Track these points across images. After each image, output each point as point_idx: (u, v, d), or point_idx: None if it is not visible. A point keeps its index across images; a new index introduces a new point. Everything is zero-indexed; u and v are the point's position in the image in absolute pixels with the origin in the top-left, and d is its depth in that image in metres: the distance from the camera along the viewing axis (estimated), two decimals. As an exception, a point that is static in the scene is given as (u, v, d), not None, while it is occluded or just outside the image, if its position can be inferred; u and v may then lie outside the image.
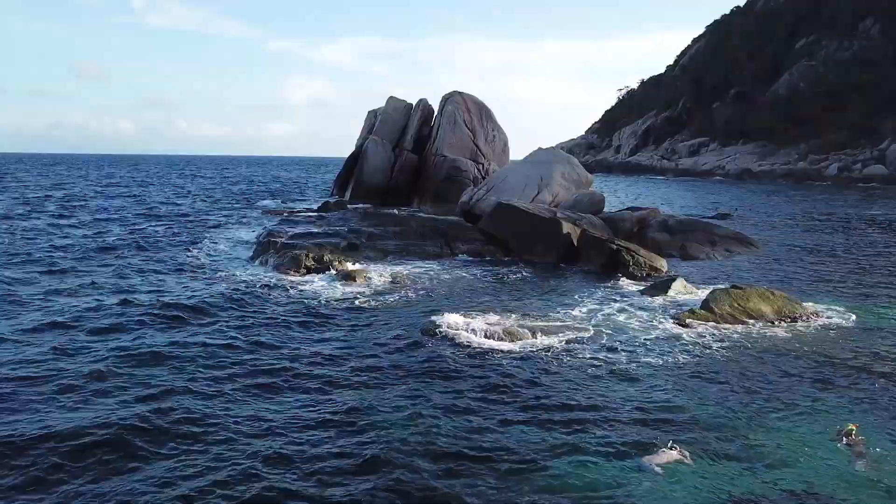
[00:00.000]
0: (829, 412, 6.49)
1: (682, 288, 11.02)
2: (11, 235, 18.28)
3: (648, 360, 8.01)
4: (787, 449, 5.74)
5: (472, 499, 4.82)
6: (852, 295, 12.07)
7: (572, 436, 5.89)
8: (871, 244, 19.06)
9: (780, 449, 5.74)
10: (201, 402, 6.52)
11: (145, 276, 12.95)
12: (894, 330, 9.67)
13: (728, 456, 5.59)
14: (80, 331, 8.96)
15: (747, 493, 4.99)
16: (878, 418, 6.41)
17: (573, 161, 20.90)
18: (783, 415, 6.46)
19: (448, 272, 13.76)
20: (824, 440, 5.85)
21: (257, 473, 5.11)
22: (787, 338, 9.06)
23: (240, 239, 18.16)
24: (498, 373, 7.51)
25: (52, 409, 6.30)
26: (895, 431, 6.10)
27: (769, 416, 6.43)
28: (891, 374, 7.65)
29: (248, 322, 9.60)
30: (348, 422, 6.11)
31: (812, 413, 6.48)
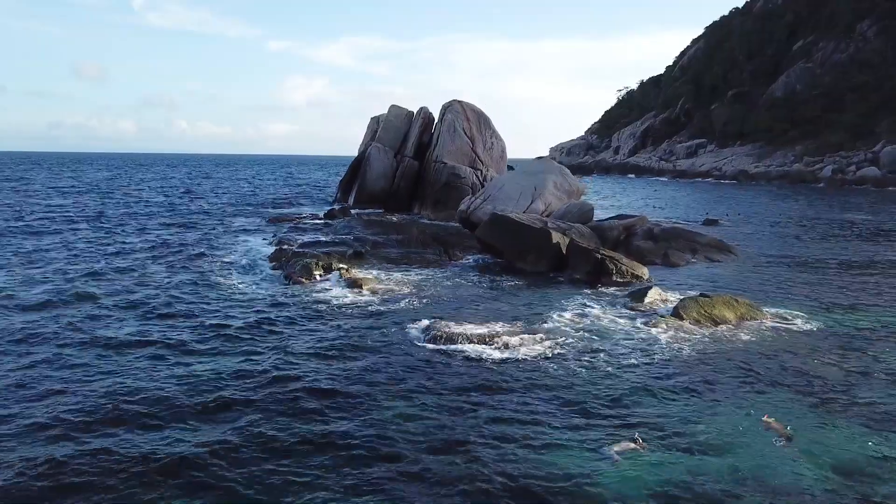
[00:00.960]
0: (765, 405, 7.66)
1: (657, 296, 12.19)
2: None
3: (619, 362, 9.18)
4: (728, 437, 6.92)
5: (453, 484, 5.99)
6: (816, 302, 13.21)
7: (549, 429, 7.06)
8: (846, 252, 20.19)
9: (722, 437, 6.91)
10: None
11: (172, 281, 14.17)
12: (845, 335, 10.82)
13: (679, 444, 6.75)
14: (114, 348, 10.15)
15: (691, 474, 6.14)
16: (802, 409, 7.58)
17: (565, 171, 22.06)
18: (728, 409, 7.63)
19: (446, 279, 14.94)
20: (756, 428, 7.04)
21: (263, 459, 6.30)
22: (744, 342, 10.23)
23: (253, 246, 19.33)
24: (484, 375, 8.68)
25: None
26: (813, 420, 7.28)
27: (717, 410, 7.60)
28: (825, 374, 8.82)
29: (265, 326, 10.78)
30: (346, 417, 7.29)
31: (751, 406, 7.65)
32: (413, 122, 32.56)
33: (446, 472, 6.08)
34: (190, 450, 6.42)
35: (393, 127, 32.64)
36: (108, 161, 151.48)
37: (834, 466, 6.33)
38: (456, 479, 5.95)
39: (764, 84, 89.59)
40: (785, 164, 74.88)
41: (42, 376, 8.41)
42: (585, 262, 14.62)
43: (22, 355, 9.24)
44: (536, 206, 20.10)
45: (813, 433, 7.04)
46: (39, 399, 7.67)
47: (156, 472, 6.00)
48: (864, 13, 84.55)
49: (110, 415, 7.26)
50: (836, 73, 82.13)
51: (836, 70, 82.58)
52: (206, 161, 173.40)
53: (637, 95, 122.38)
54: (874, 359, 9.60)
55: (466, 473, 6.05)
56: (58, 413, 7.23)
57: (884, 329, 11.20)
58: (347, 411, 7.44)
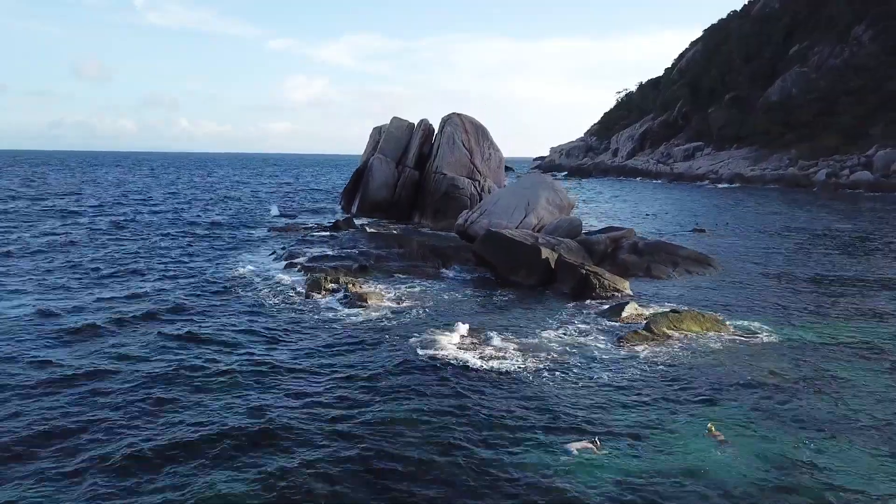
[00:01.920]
0: (710, 414, 8.95)
1: (633, 311, 13.49)
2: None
3: (591, 373, 10.49)
4: (674, 441, 8.22)
5: (444, 475, 7.31)
6: (782, 316, 14.49)
7: (523, 431, 8.36)
8: (822, 265, 21.45)
9: (669, 441, 8.22)
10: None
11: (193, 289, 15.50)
12: (801, 349, 12.09)
13: (630, 445, 8.05)
14: (123, 359, 11.47)
15: (635, 470, 7.45)
16: (745, 415, 8.88)
17: (557, 186, 23.36)
18: (678, 417, 8.93)
19: (444, 292, 16.26)
20: (699, 434, 8.35)
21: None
22: (707, 355, 11.52)
23: (264, 258, 20.64)
24: (472, 383, 9.98)
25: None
26: (752, 426, 8.58)
27: (669, 418, 8.90)
28: (772, 384, 10.11)
29: (280, 336, 12.10)
30: (347, 417, 8.61)
31: (698, 414, 8.95)
32: (414, 133, 33.86)
33: (439, 467, 7.38)
34: (211, 437, 7.73)
35: (394, 138, 33.95)
36: (119, 160, 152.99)
37: (765, 468, 7.62)
38: (447, 472, 7.25)
39: (761, 87, 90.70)
40: (780, 168, 76.05)
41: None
42: (571, 277, 15.92)
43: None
44: (529, 220, 21.40)
45: (751, 438, 8.34)
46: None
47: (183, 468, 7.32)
48: (860, 17, 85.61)
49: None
50: (831, 76, 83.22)
51: (831, 74, 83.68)
52: (202, 158, 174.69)
53: (636, 97, 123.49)
54: (821, 371, 10.88)
55: (455, 467, 7.36)
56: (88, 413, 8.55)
57: (838, 343, 12.45)
58: (353, 412, 8.74)
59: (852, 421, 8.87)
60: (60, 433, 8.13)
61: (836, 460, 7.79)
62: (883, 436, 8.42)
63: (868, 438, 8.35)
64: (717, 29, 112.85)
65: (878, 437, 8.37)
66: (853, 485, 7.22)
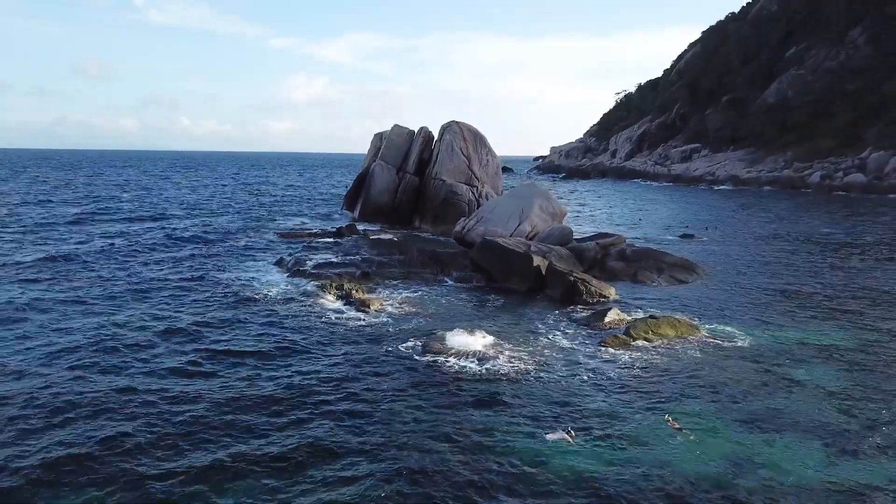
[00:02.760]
0: (674, 409, 10.09)
1: (615, 316, 14.62)
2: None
3: (573, 374, 11.63)
4: (640, 431, 9.37)
5: (438, 463, 8.45)
6: (757, 321, 15.59)
7: (509, 423, 9.51)
8: (804, 270, 22.57)
9: (636, 431, 9.36)
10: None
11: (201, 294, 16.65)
12: (767, 352, 13.20)
13: (601, 435, 9.20)
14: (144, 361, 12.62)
15: (603, 456, 8.59)
16: (704, 410, 10.02)
17: (550, 196, 24.49)
18: (645, 411, 10.07)
19: (442, 297, 17.40)
20: (661, 425, 9.50)
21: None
22: (679, 357, 12.66)
23: (271, 265, 21.80)
24: (465, 383, 11.12)
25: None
26: (709, 420, 9.72)
27: (637, 412, 10.03)
28: (732, 384, 11.24)
29: (287, 341, 13.25)
30: (353, 412, 9.76)
31: (663, 409, 10.09)
32: (414, 140, 34.98)
33: (435, 452, 8.53)
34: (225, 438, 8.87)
35: (395, 145, 35.07)
36: (126, 159, 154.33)
37: (718, 457, 8.76)
38: (442, 457, 8.40)
39: (758, 90, 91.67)
40: (775, 170, 77.08)
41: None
42: (561, 283, 17.06)
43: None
44: (524, 227, 22.52)
45: (707, 430, 9.49)
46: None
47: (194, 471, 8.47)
48: (856, 21, 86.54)
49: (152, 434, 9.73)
50: (827, 79, 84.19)
51: (827, 77, 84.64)
52: (201, 157, 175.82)
53: (635, 98, 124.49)
54: (780, 372, 12.02)
55: (449, 453, 8.50)
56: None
57: (802, 347, 13.58)
58: (358, 410, 9.89)
59: (798, 417, 10.00)
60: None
61: (780, 451, 8.93)
62: (823, 431, 9.56)
63: (809, 433, 9.49)
64: (716, 31, 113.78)
65: (818, 432, 9.51)
66: (792, 471, 8.36)
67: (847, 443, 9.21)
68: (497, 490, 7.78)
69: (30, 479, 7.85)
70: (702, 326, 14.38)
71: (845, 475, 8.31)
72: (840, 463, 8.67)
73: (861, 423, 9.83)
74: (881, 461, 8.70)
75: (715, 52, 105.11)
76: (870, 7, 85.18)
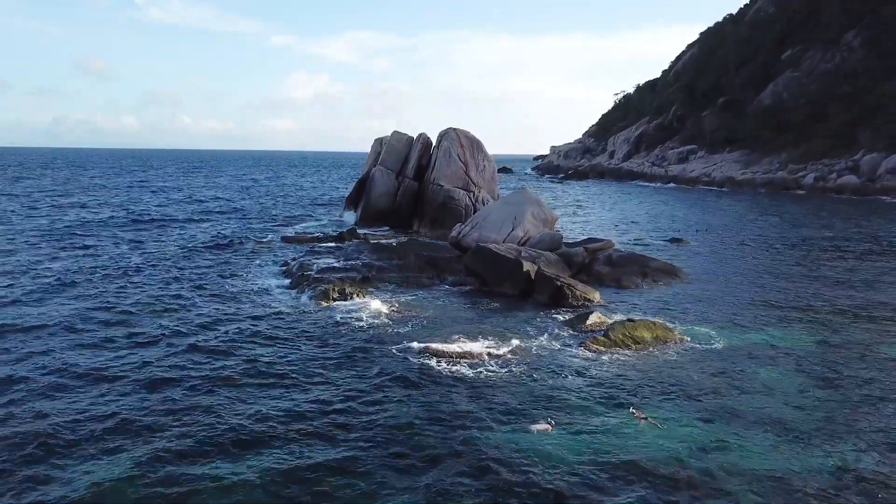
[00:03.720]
0: (643, 403, 11.23)
1: (597, 319, 15.76)
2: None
3: (555, 373, 12.76)
4: (611, 422, 10.51)
5: (432, 453, 9.60)
6: (731, 323, 16.68)
7: (497, 417, 10.65)
8: (785, 274, 23.67)
9: (607, 421, 10.50)
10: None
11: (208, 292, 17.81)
12: (735, 353, 14.31)
13: (577, 425, 10.34)
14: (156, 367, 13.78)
15: (579, 444, 9.74)
16: (669, 405, 11.16)
17: (541, 202, 25.64)
18: (617, 404, 11.22)
19: (438, 300, 18.54)
20: (629, 417, 10.65)
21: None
22: (652, 358, 13.80)
23: (277, 270, 22.96)
24: (458, 382, 12.27)
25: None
26: (673, 413, 10.85)
27: (610, 406, 11.18)
28: (698, 382, 12.37)
29: (290, 344, 14.40)
30: (351, 410, 10.90)
31: (631, 402, 11.22)
32: (413, 146, 36.13)
33: (429, 444, 9.67)
34: (229, 433, 10.01)
35: (394, 151, 36.22)
36: (142, 159, 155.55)
37: (677, 444, 9.90)
38: (435, 448, 9.54)
39: (754, 91, 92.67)
40: (770, 172, 78.11)
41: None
42: (548, 288, 18.20)
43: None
44: (516, 233, 23.67)
45: (672, 422, 10.63)
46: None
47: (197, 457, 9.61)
48: (851, 24, 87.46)
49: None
50: (822, 82, 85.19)
51: (822, 79, 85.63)
52: (206, 156, 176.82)
53: (633, 99, 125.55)
54: (746, 371, 13.14)
55: (442, 444, 9.65)
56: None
57: (768, 349, 14.69)
58: (356, 406, 11.03)
59: (754, 412, 11.14)
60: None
61: (733, 440, 10.06)
62: (774, 424, 10.69)
63: (761, 425, 10.63)
64: (713, 32, 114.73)
65: (770, 425, 10.65)
66: (741, 457, 9.51)
67: (792, 436, 10.34)
68: (486, 473, 8.92)
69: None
70: (676, 329, 15.51)
71: (786, 464, 9.44)
72: (784, 452, 9.80)
73: (809, 420, 10.95)
74: (819, 452, 9.84)
75: (712, 54, 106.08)
76: (866, 10, 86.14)
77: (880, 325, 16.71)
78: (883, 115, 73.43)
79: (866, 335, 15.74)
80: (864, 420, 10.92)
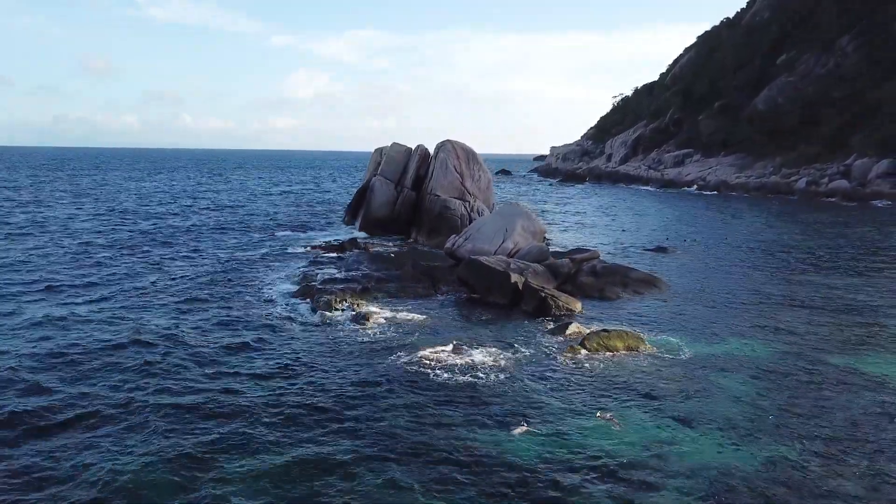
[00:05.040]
0: (610, 406, 12.73)
1: (575, 329, 17.25)
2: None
3: (533, 378, 14.26)
4: (583, 423, 12.00)
5: (423, 452, 11.11)
6: (702, 333, 18.06)
7: (480, 420, 12.16)
8: (763, 284, 25.11)
9: (579, 423, 12.00)
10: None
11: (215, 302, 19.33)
12: (703, 361, 15.76)
13: (551, 427, 11.83)
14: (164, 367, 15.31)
15: (552, 442, 11.23)
16: (632, 409, 12.65)
17: (531, 215, 27.16)
18: (588, 407, 12.72)
19: (432, 310, 20.04)
20: (597, 419, 12.16)
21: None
22: (623, 366, 15.28)
23: (282, 277, 24.49)
24: (447, 385, 13.77)
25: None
26: (635, 414, 12.34)
27: (582, 409, 12.68)
28: (660, 388, 13.86)
29: (295, 351, 15.91)
30: (351, 414, 12.41)
31: (600, 405, 12.72)
32: (411, 157, 37.64)
33: (421, 443, 11.18)
34: (227, 437, 11.52)
35: (394, 161, 37.74)
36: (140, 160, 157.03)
37: (638, 443, 11.38)
38: (425, 446, 11.05)
39: (750, 96, 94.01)
40: (763, 176, 79.47)
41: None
42: (533, 299, 19.70)
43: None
44: (507, 244, 25.17)
45: (633, 423, 12.12)
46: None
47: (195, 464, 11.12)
48: (845, 29, 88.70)
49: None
50: (816, 86, 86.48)
51: (816, 84, 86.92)
52: (205, 155, 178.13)
53: (631, 102, 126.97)
54: (705, 379, 14.61)
55: (432, 443, 11.16)
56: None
57: (731, 358, 16.13)
58: (356, 409, 12.53)
59: (711, 415, 12.63)
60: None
61: (688, 440, 11.56)
62: (726, 427, 12.18)
63: (715, 428, 12.12)
64: (710, 36, 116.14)
65: (723, 428, 12.14)
66: (693, 455, 10.99)
67: (737, 435, 11.83)
68: (470, 469, 10.42)
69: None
70: (647, 338, 17.00)
71: (733, 461, 10.92)
72: (728, 450, 11.29)
73: (754, 422, 12.43)
74: (758, 450, 11.32)
75: (709, 58, 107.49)
76: (860, 15, 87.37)
77: (845, 335, 18.08)
78: (875, 119, 74.79)
79: (829, 345, 17.15)
80: (806, 424, 12.37)
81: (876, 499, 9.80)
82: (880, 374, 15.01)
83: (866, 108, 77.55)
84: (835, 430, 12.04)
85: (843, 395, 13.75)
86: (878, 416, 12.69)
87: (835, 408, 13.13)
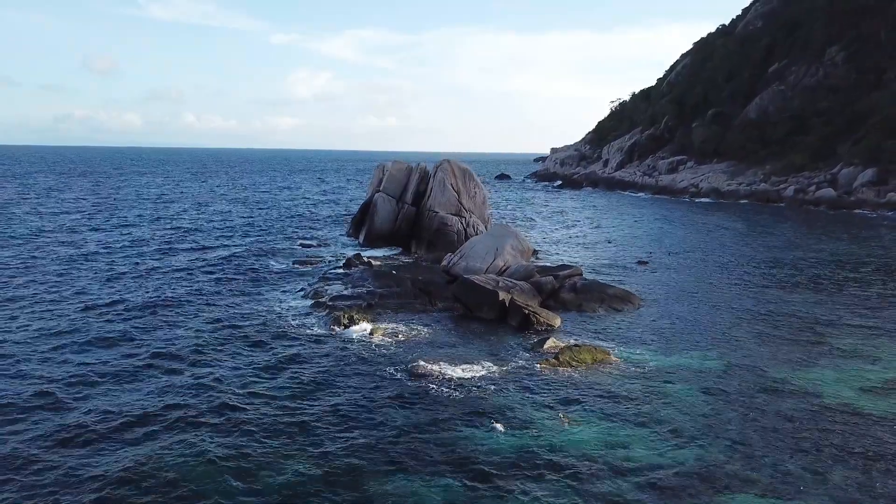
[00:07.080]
0: (569, 410, 15.34)
1: (552, 343, 19.87)
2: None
3: (510, 386, 16.88)
4: (548, 424, 14.61)
5: (415, 450, 13.75)
6: (667, 347, 20.56)
7: (462, 420, 14.77)
8: (732, 296, 27.69)
9: (545, 424, 14.62)
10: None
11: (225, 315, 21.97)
12: (662, 373, 18.32)
13: (523, 426, 14.44)
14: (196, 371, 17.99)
15: (524, 439, 13.85)
16: (590, 413, 15.26)
17: (519, 236, 29.87)
18: (551, 411, 15.33)
19: (429, 325, 22.67)
20: (555, 420, 14.78)
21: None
22: (590, 376, 17.88)
23: (291, 290, 27.12)
24: (439, 391, 16.40)
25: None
26: (593, 417, 14.94)
27: (549, 412, 15.29)
28: (619, 396, 16.47)
29: (306, 364, 18.55)
30: (354, 416, 15.04)
31: (557, 408, 15.33)
32: (412, 175, 40.35)
33: (415, 440, 13.80)
34: (233, 441, 14.14)
35: (395, 179, 40.44)
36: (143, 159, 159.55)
37: (593, 441, 13.99)
38: (419, 441, 13.68)
39: (741, 104, 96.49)
40: (754, 183, 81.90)
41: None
42: (518, 315, 22.35)
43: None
44: (498, 262, 27.82)
45: (590, 426, 14.74)
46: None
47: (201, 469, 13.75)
48: (834, 39, 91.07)
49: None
50: (805, 96, 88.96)
51: (805, 93, 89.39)
52: (206, 155, 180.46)
53: (629, 107, 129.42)
54: (660, 389, 17.18)
55: (423, 439, 13.78)
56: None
57: (688, 370, 18.71)
58: (360, 414, 15.14)
59: (655, 419, 15.24)
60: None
61: (636, 439, 14.16)
62: (667, 430, 14.79)
63: (657, 430, 14.73)
64: (705, 44, 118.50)
65: (664, 431, 14.75)
66: (638, 452, 13.60)
67: (680, 438, 14.42)
68: (456, 460, 13.05)
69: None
70: (616, 352, 19.62)
71: (664, 459, 13.53)
72: (665, 450, 13.90)
73: (694, 427, 15.04)
74: (690, 451, 13.93)
75: (703, 66, 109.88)
76: (849, 25, 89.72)
77: (791, 349, 20.58)
78: (862, 129, 77.18)
79: (775, 359, 19.66)
80: (735, 428, 14.96)
81: (779, 488, 12.42)
82: (812, 385, 17.57)
83: (854, 118, 79.94)
84: (759, 432, 14.65)
85: (773, 403, 16.34)
86: (800, 420, 15.29)
87: (764, 414, 15.73)
